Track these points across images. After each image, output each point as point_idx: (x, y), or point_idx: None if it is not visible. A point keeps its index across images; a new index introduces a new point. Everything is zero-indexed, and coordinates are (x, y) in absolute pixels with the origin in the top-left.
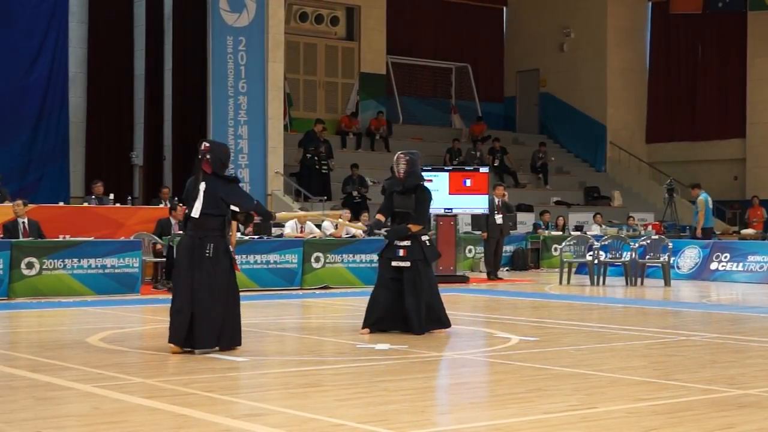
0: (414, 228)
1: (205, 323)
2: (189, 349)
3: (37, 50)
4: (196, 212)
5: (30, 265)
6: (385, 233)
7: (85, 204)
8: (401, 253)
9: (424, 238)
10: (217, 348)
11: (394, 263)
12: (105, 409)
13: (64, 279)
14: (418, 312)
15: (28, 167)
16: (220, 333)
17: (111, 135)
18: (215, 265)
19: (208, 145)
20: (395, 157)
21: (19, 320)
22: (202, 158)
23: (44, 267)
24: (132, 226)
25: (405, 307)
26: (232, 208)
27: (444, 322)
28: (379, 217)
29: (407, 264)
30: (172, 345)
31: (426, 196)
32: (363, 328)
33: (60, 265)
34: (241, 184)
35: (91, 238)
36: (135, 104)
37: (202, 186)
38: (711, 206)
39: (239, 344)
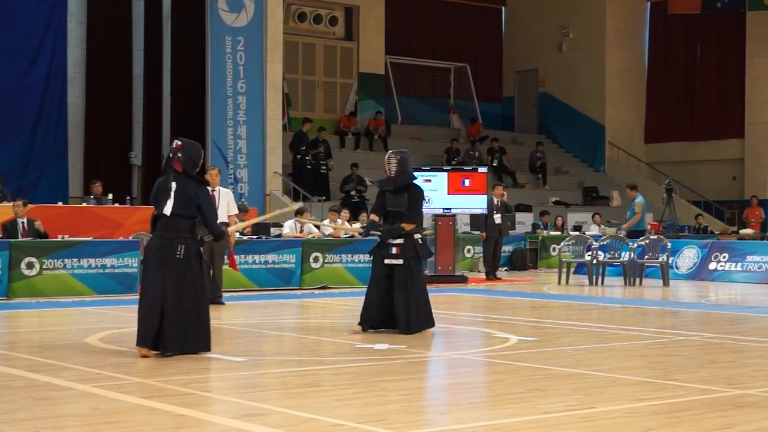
0: (408, 227)
1: (173, 327)
2: (157, 352)
3: (35, 50)
4: (167, 210)
5: (30, 265)
6: (380, 233)
7: (84, 204)
8: (394, 250)
9: (417, 236)
10: (181, 352)
11: (387, 261)
12: (104, 409)
13: (65, 279)
14: (406, 311)
15: (27, 167)
16: (188, 336)
17: (110, 135)
18: (186, 268)
19: (180, 143)
20: (386, 157)
21: (18, 320)
22: (174, 157)
23: (44, 267)
24: (131, 226)
25: (394, 304)
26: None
27: (432, 320)
28: (374, 217)
29: (400, 261)
30: (140, 348)
31: (419, 195)
32: (359, 325)
33: (60, 264)
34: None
35: (90, 238)
36: (134, 104)
37: (173, 185)
38: (645, 209)
39: (209, 350)
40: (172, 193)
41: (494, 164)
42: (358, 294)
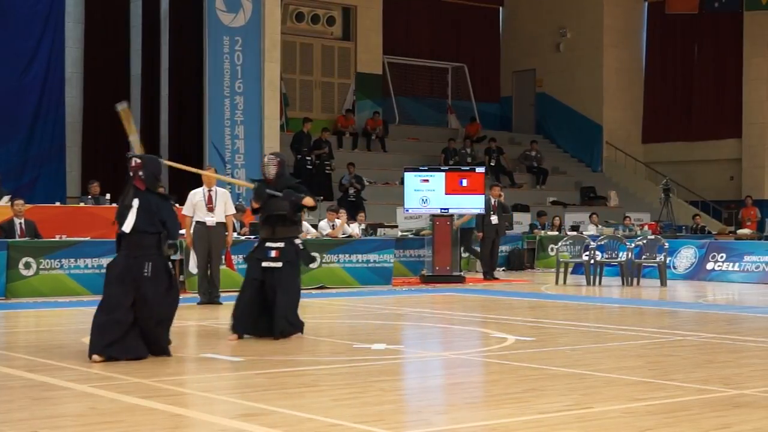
0: (308, 201)
1: (134, 340)
2: (114, 358)
3: (33, 50)
4: (128, 227)
5: (28, 265)
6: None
7: (82, 204)
8: (273, 254)
9: (297, 241)
10: (145, 357)
11: (264, 264)
12: (101, 409)
13: (62, 279)
14: (284, 314)
15: (25, 167)
16: (145, 347)
17: (107, 135)
18: (155, 285)
19: (139, 161)
20: (265, 159)
21: (16, 320)
22: (134, 176)
23: (42, 267)
24: None
25: (272, 308)
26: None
27: (300, 326)
28: (254, 204)
29: (279, 265)
30: (95, 356)
31: (302, 187)
32: (234, 333)
33: (57, 264)
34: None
35: (88, 239)
36: (131, 104)
37: (135, 202)
38: None
39: (169, 354)
40: (135, 210)
41: (492, 164)
42: (357, 294)
